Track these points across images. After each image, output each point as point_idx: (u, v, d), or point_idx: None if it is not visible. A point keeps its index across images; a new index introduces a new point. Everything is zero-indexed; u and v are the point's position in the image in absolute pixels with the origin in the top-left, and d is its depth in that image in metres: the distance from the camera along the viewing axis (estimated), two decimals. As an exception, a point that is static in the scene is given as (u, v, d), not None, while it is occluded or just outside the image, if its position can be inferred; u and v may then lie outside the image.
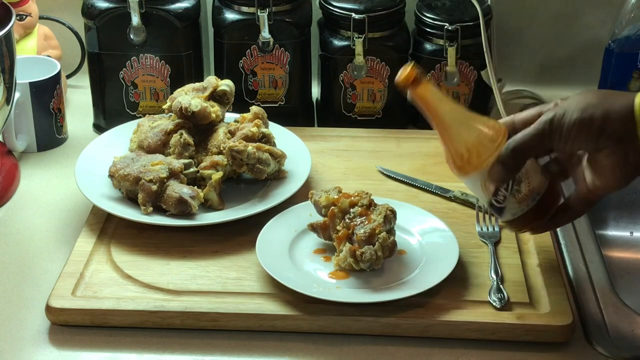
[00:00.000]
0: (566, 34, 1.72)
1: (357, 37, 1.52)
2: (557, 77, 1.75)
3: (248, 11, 1.53)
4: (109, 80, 1.56)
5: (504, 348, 1.14)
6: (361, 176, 1.44)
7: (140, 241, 1.29)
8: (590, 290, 1.23)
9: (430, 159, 1.48)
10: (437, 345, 1.15)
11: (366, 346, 1.14)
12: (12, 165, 1.47)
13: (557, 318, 1.15)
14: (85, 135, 1.58)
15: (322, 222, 1.24)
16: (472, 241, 1.29)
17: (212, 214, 1.32)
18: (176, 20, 1.52)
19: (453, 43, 1.53)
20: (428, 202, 1.37)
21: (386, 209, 1.21)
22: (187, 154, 1.37)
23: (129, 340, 1.15)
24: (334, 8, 1.54)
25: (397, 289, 1.17)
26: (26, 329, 1.17)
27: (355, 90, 1.57)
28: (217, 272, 1.23)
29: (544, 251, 1.27)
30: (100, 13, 1.51)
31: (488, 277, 1.21)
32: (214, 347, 1.14)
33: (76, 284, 1.20)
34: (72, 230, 1.35)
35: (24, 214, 1.40)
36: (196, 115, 1.38)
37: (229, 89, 1.43)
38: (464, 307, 1.17)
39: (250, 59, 1.55)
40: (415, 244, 1.26)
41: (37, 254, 1.32)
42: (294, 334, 1.16)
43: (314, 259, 1.24)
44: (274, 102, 1.58)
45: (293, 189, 1.35)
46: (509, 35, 1.71)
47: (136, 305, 1.17)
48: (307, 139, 1.48)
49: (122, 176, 1.32)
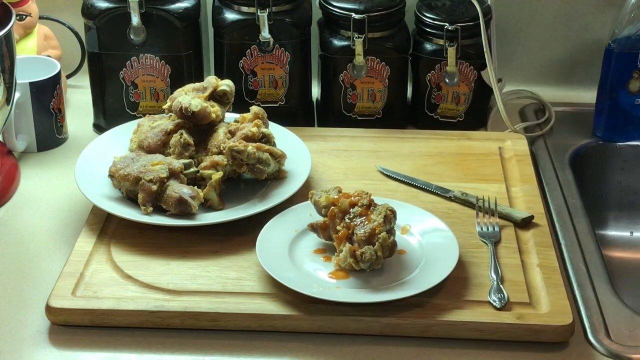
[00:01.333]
0: (566, 34, 1.72)
1: (357, 37, 1.52)
2: (557, 77, 1.75)
3: (248, 11, 1.53)
4: (109, 80, 1.56)
5: (504, 348, 1.14)
6: (361, 176, 1.44)
7: (140, 241, 1.29)
8: (590, 290, 1.24)
9: (430, 159, 1.48)
10: (437, 345, 1.15)
11: (366, 346, 1.14)
12: (12, 165, 1.47)
13: (557, 318, 1.15)
14: (85, 135, 1.58)
15: (322, 222, 1.24)
16: (472, 241, 1.29)
17: (212, 214, 1.32)
18: (176, 20, 1.52)
19: (453, 43, 1.53)
20: (428, 202, 1.37)
21: (386, 209, 1.21)
22: (187, 154, 1.37)
23: (129, 340, 1.15)
24: (334, 8, 1.54)
25: (397, 289, 1.17)
26: (26, 329, 1.17)
27: (355, 90, 1.57)
28: (217, 272, 1.23)
29: (544, 251, 1.27)
30: (100, 13, 1.51)
31: (488, 277, 1.21)
32: (214, 347, 1.14)
33: (76, 284, 1.20)
34: (72, 230, 1.35)
35: (24, 214, 1.40)
36: (196, 115, 1.38)
37: (229, 89, 1.43)
38: (464, 307, 1.16)
39: (250, 59, 1.55)
40: (415, 244, 1.26)
41: (37, 254, 1.32)
42: (294, 334, 1.16)
43: (314, 259, 1.24)
44: (274, 102, 1.58)
45: (293, 189, 1.35)
46: (509, 35, 1.71)
47: (136, 305, 1.17)
48: (307, 139, 1.48)
49: (122, 176, 1.32)
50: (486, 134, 1.57)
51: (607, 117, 1.58)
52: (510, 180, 1.44)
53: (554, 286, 1.20)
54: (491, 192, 1.39)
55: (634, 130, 1.58)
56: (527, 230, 1.31)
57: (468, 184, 1.41)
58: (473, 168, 1.46)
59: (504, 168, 1.46)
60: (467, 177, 1.44)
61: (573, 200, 1.42)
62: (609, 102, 1.57)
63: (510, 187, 1.42)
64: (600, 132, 1.59)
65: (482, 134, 1.56)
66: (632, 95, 1.56)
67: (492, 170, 1.46)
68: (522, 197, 1.39)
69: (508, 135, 1.55)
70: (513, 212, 1.33)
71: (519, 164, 1.47)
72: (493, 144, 1.52)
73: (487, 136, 1.55)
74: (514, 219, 1.32)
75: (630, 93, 1.56)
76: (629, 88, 1.56)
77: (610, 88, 1.56)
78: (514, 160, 1.48)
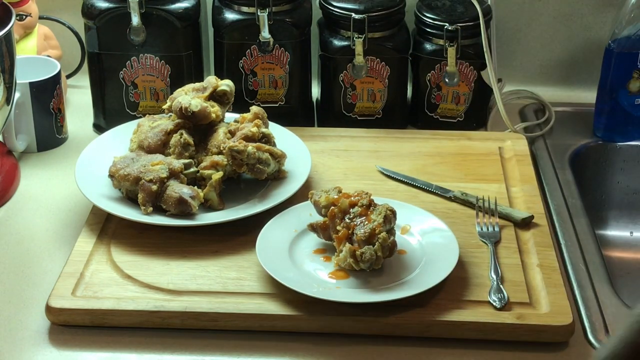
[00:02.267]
0: (566, 34, 1.72)
1: (357, 37, 1.52)
2: (557, 77, 1.75)
3: (248, 11, 1.53)
4: (109, 80, 1.56)
5: (504, 348, 1.14)
6: (361, 176, 1.44)
7: (140, 241, 1.29)
8: (590, 290, 1.24)
9: (430, 159, 1.48)
10: (437, 345, 1.15)
11: (366, 346, 1.14)
12: (12, 165, 1.47)
13: (557, 318, 1.15)
14: (85, 135, 1.58)
15: (322, 222, 1.24)
16: (472, 241, 1.29)
17: (212, 214, 1.32)
18: (176, 20, 1.52)
19: (453, 43, 1.53)
20: (428, 202, 1.37)
21: (386, 209, 1.21)
22: (187, 154, 1.37)
23: (129, 340, 1.15)
24: (334, 8, 1.54)
25: (397, 289, 1.17)
26: (26, 329, 1.17)
27: (355, 90, 1.57)
28: (217, 272, 1.23)
29: (544, 251, 1.27)
30: (100, 13, 1.51)
31: (488, 277, 1.21)
32: (214, 347, 1.14)
33: (76, 284, 1.20)
34: (72, 230, 1.35)
35: (24, 214, 1.40)
36: (196, 115, 1.38)
37: (229, 89, 1.43)
38: (464, 307, 1.16)
39: (250, 59, 1.55)
40: (415, 244, 1.26)
41: (37, 254, 1.32)
42: (294, 334, 1.16)
43: (314, 259, 1.24)
44: (274, 102, 1.58)
45: (293, 189, 1.35)
46: (509, 35, 1.71)
47: (136, 305, 1.17)
48: (307, 139, 1.48)
49: (122, 176, 1.32)
50: (486, 134, 1.57)
51: (607, 117, 1.58)
52: (510, 180, 1.44)
53: (554, 286, 1.20)
54: (491, 192, 1.39)
55: (634, 130, 1.58)
56: (527, 230, 1.31)
57: (468, 184, 1.41)
58: (473, 168, 1.46)
59: (504, 168, 1.46)
60: (467, 177, 1.44)
61: (573, 200, 1.42)
62: (609, 102, 1.57)
63: (510, 187, 1.42)
64: (600, 132, 1.59)
65: (482, 134, 1.56)
66: (632, 95, 1.56)
67: (492, 170, 1.46)
68: (522, 197, 1.39)
69: (508, 135, 1.55)
70: (513, 212, 1.33)
71: (519, 164, 1.47)
72: (493, 144, 1.52)
73: (487, 136, 1.55)
74: (514, 219, 1.32)
75: (630, 93, 1.56)
76: (629, 88, 1.56)
77: (610, 88, 1.56)
78: (514, 160, 1.48)
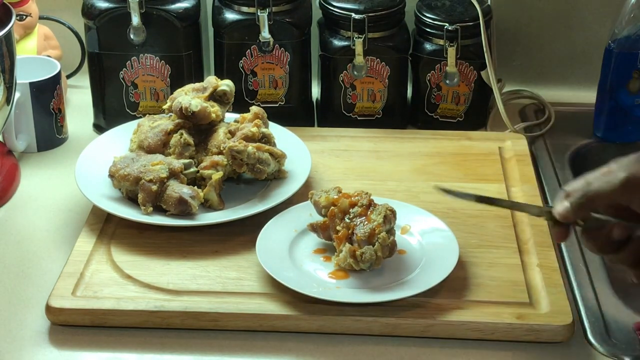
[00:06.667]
0: (566, 34, 1.72)
1: (357, 37, 1.52)
2: (557, 77, 1.74)
3: (248, 11, 1.53)
4: (109, 80, 1.56)
5: (504, 348, 1.14)
6: (361, 176, 1.44)
7: (140, 241, 1.29)
8: (590, 290, 1.24)
9: (430, 159, 1.48)
10: (437, 345, 1.15)
11: (366, 346, 1.14)
12: (12, 165, 1.47)
13: (557, 318, 1.15)
14: (85, 135, 1.58)
15: (322, 222, 1.24)
16: (472, 241, 1.29)
17: (212, 214, 1.32)
18: (176, 20, 1.52)
19: (453, 43, 1.53)
20: (428, 202, 1.37)
21: (386, 209, 1.21)
22: (187, 154, 1.37)
23: (129, 340, 1.15)
24: (334, 8, 1.54)
25: (397, 289, 1.17)
26: (26, 329, 1.17)
27: (355, 90, 1.57)
28: (217, 272, 1.23)
29: (544, 251, 1.27)
30: (100, 13, 1.51)
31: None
32: (214, 347, 1.14)
33: (76, 284, 1.20)
34: (72, 230, 1.35)
35: (24, 214, 1.40)
36: (196, 115, 1.38)
37: (229, 89, 1.43)
38: (464, 307, 1.16)
39: (250, 59, 1.55)
40: (415, 244, 1.26)
41: (37, 254, 1.32)
42: (294, 334, 1.16)
43: (314, 259, 1.24)
44: (274, 102, 1.58)
45: (293, 189, 1.35)
46: (509, 35, 1.71)
47: (136, 305, 1.17)
48: (307, 139, 1.48)
49: (122, 176, 1.32)
50: (486, 134, 1.57)
51: (607, 117, 1.58)
52: (510, 180, 1.44)
53: (554, 286, 1.20)
54: (491, 192, 1.39)
55: (634, 130, 1.58)
56: (527, 230, 1.31)
57: (468, 184, 1.41)
58: (473, 168, 1.46)
59: (504, 168, 1.46)
60: (467, 177, 1.44)
61: (573, 200, 1.42)
62: (608, 102, 1.57)
63: (510, 187, 1.42)
64: (600, 132, 1.59)
65: (482, 134, 1.56)
66: (632, 95, 1.56)
67: (492, 170, 1.46)
68: (522, 197, 1.38)
69: (508, 135, 1.55)
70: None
71: (519, 164, 1.47)
72: (493, 144, 1.52)
73: (487, 136, 1.55)
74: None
75: (630, 93, 1.56)
76: (629, 88, 1.56)
77: (610, 88, 1.56)
78: (514, 160, 1.48)
